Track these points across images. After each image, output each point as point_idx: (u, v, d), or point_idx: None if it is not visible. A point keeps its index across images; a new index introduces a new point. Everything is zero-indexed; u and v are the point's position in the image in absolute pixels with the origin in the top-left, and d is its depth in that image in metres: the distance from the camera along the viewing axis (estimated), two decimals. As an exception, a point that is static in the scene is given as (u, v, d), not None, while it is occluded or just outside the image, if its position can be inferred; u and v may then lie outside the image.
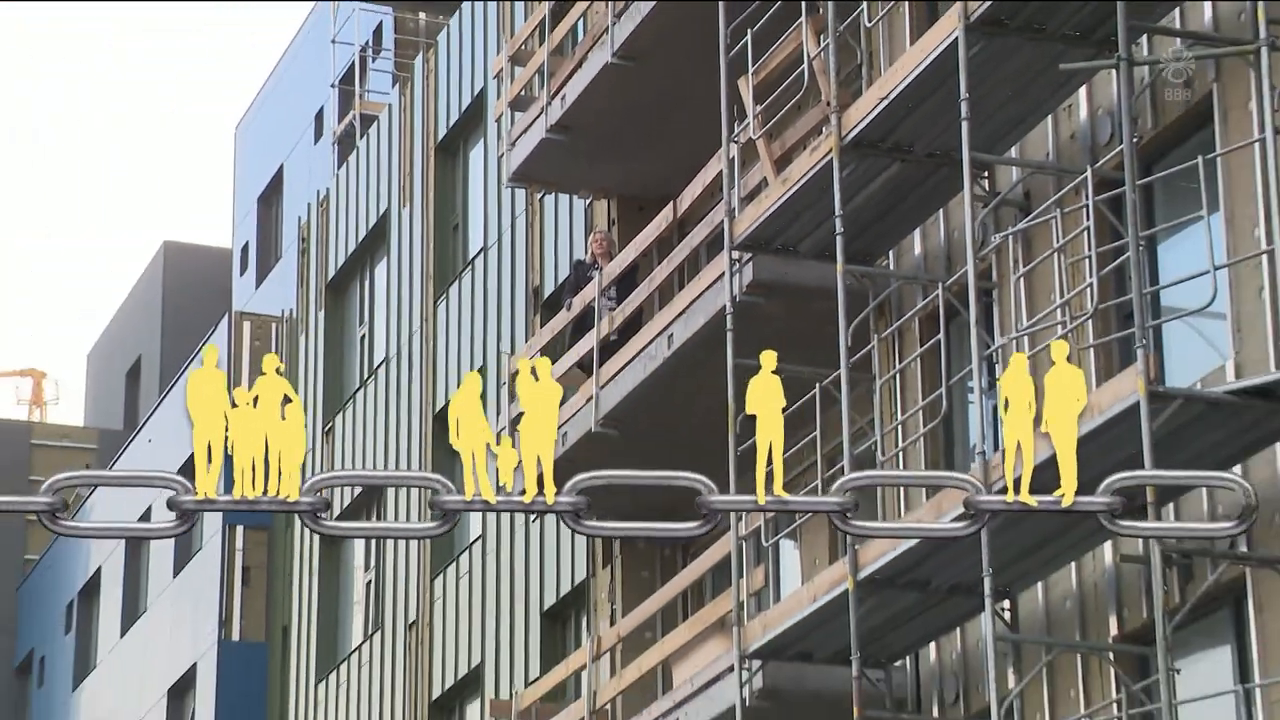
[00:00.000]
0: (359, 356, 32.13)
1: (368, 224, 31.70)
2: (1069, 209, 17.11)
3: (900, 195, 18.58)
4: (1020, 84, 17.06)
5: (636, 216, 23.74)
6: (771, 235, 19.25)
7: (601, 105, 22.72)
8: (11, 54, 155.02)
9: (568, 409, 22.56)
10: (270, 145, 39.95)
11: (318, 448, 32.41)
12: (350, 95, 36.06)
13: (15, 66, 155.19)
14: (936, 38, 16.90)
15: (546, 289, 26.07)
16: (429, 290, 29.27)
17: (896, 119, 17.64)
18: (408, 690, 28.21)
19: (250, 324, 35.51)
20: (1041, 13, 16.38)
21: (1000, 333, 17.74)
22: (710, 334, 19.84)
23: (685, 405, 20.74)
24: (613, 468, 22.53)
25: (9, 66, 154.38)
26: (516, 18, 27.04)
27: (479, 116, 28.46)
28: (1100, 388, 15.85)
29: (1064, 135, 17.73)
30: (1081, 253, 16.87)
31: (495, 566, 26.38)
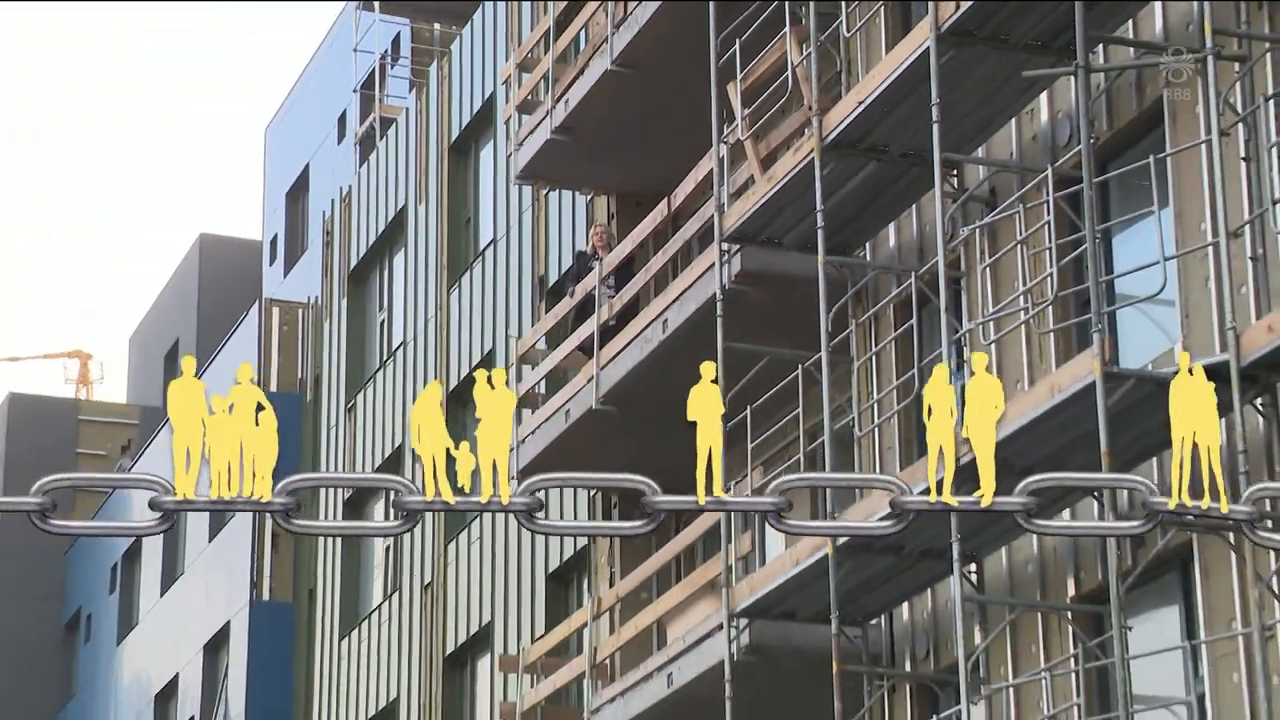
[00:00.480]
0: (378, 340, 32.11)
1: (386, 218, 31.68)
2: (1031, 204, 17.10)
3: (876, 192, 18.57)
4: (986, 89, 17.04)
5: (634, 211, 23.73)
6: (758, 229, 19.25)
7: (602, 109, 22.70)
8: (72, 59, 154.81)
9: (570, 388, 22.60)
10: (297, 145, 39.90)
11: (341, 423, 32.40)
12: (370, 99, 36.01)
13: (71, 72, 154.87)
14: (910, 46, 16.89)
15: (551, 278, 26.05)
16: (443, 279, 29.26)
17: (873, 121, 17.62)
18: (423, 646, 28.22)
19: (279, 310, 35.43)
20: (1006, 23, 16.36)
21: (968, 318, 17.75)
22: (702, 319, 19.84)
23: (679, 385, 20.55)
24: (611, 445, 22.73)
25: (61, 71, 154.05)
26: (524, 28, 27.03)
27: (489, 119, 28.43)
28: (1060, 369, 15.88)
29: (1026, 136, 17.73)
30: (1042, 244, 16.86)
31: (504, 533, 26.38)
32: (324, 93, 38.64)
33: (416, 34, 35.99)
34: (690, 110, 20.93)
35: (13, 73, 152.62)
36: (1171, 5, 16.16)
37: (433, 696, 27.85)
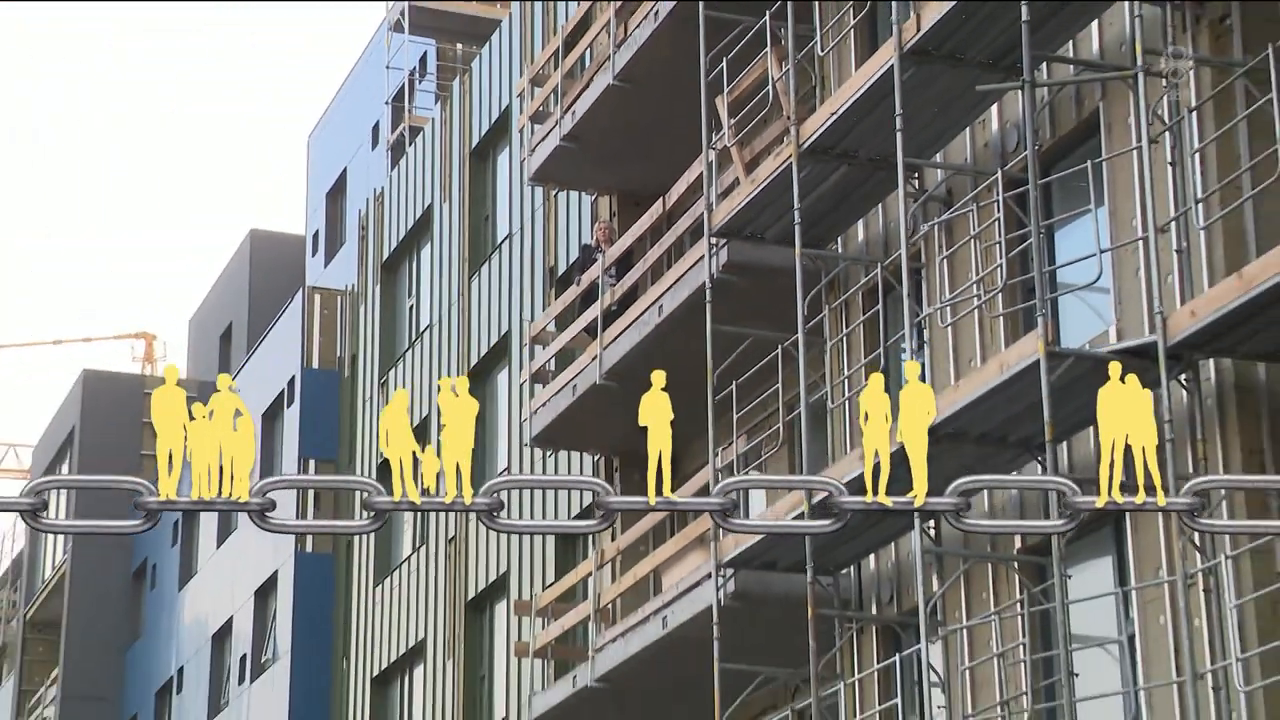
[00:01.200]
0: (407, 323, 32.11)
1: (415, 215, 31.67)
2: (983, 203, 17.11)
3: (847, 192, 18.55)
4: (944, 102, 17.01)
5: (632, 209, 23.72)
6: (742, 225, 19.23)
7: (604, 119, 22.68)
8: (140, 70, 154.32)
9: (577, 365, 22.60)
10: (336, 152, 39.87)
11: (374, 397, 32.41)
12: (400, 111, 35.97)
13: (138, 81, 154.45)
14: (876, 64, 16.89)
15: (560, 268, 26.04)
16: (464, 269, 29.26)
17: (844, 130, 17.60)
18: (447, 593, 28.25)
19: (320, 296, 35.41)
20: (961, 44, 16.34)
21: (927, 304, 17.76)
22: (693, 305, 19.84)
23: (673, 362, 20.59)
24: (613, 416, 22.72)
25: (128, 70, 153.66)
26: (535, 47, 27.02)
27: (505, 128, 28.42)
28: (1008, 348, 15.87)
29: (979, 143, 17.72)
30: (993, 239, 16.86)
31: (520, 492, 26.43)
32: (359, 105, 38.63)
33: (441, 53, 36.01)
34: (682, 120, 20.92)
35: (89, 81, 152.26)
36: (1107, 28, 16.19)
37: (456, 637, 27.89)
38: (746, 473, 21.04)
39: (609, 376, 21.74)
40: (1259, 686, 13.62)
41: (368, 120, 38.03)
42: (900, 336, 18.01)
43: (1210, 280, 14.59)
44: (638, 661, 20.71)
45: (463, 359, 28.71)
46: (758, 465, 20.76)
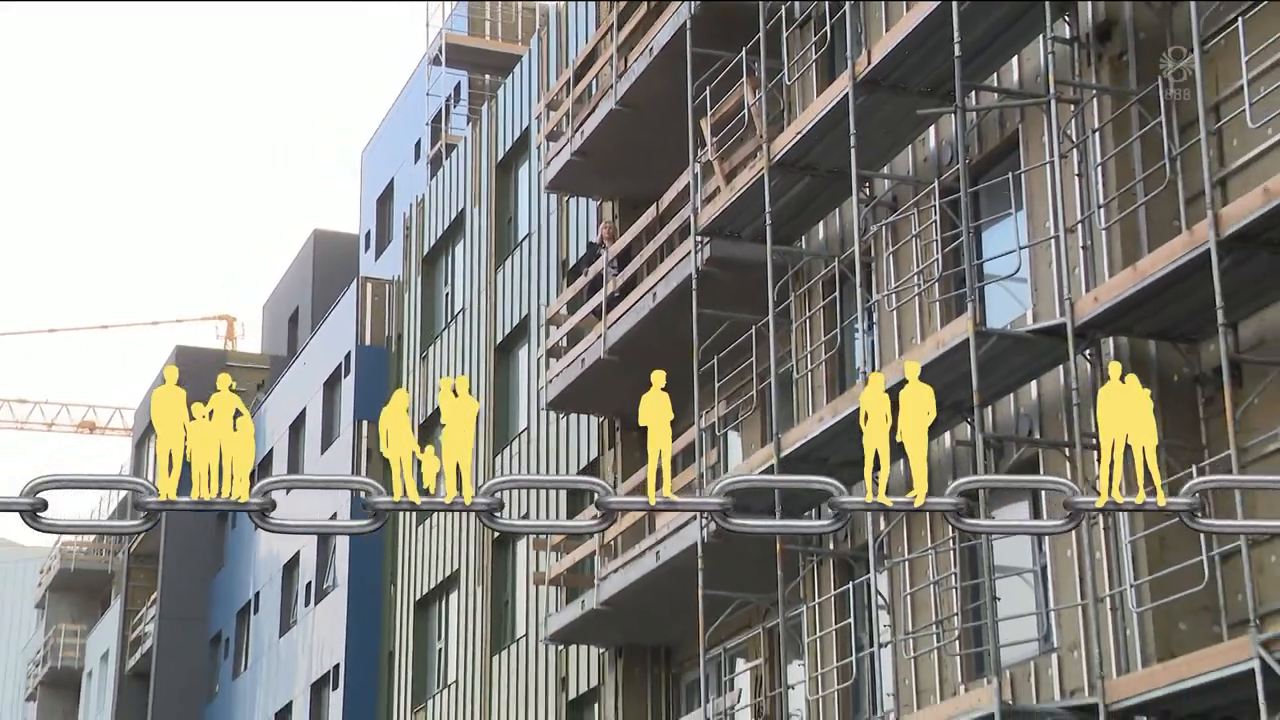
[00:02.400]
0: (444, 307, 32.03)
1: (450, 218, 31.60)
2: (922, 208, 17.13)
3: (810, 198, 18.51)
4: (890, 123, 16.99)
5: (631, 212, 23.66)
6: (723, 225, 19.19)
7: (608, 138, 22.60)
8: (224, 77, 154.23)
9: (585, 342, 22.55)
10: (385, 164, 39.81)
11: (415, 369, 32.37)
12: (438, 131, 35.93)
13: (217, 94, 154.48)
14: (834, 92, 16.85)
15: (570, 262, 26.00)
16: (491, 263, 29.21)
17: (807, 147, 17.56)
18: (476, 530, 28.09)
19: (371, 285, 35.30)
20: (904, 75, 16.30)
21: (876, 292, 17.72)
22: (682, 292, 19.80)
23: (665, 339, 20.74)
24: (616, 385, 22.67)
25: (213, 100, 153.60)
26: (551, 78, 26.96)
27: (525, 145, 28.36)
28: (943, 328, 15.85)
29: (919, 158, 17.71)
30: (931, 237, 16.89)
31: (535, 449, 26.42)
32: (404, 126, 38.58)
33: (472, 83, 35.92)
34: (673, 138, 20.89)
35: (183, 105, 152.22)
36: (1026, 62, 16.14)
37: (484, 568, 27.87)
38: (723, 434, 21.05)
39: (611, 352, 21.70)
40: (1149, 608, 13.63)
41: (411, 138, 37.98)
42: (853, 319, 18.02)
43: (1110, 271, 14.57)
44: (635, 588, 20.72)
45: (490, 338, 28.66)
46: (734, 426, 20.75)
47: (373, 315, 34.79)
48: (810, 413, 18.25)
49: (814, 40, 19.11)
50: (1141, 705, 13.35)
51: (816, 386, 18.84)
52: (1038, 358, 14.99)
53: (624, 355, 21.63)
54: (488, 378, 28.45)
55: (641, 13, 22.17)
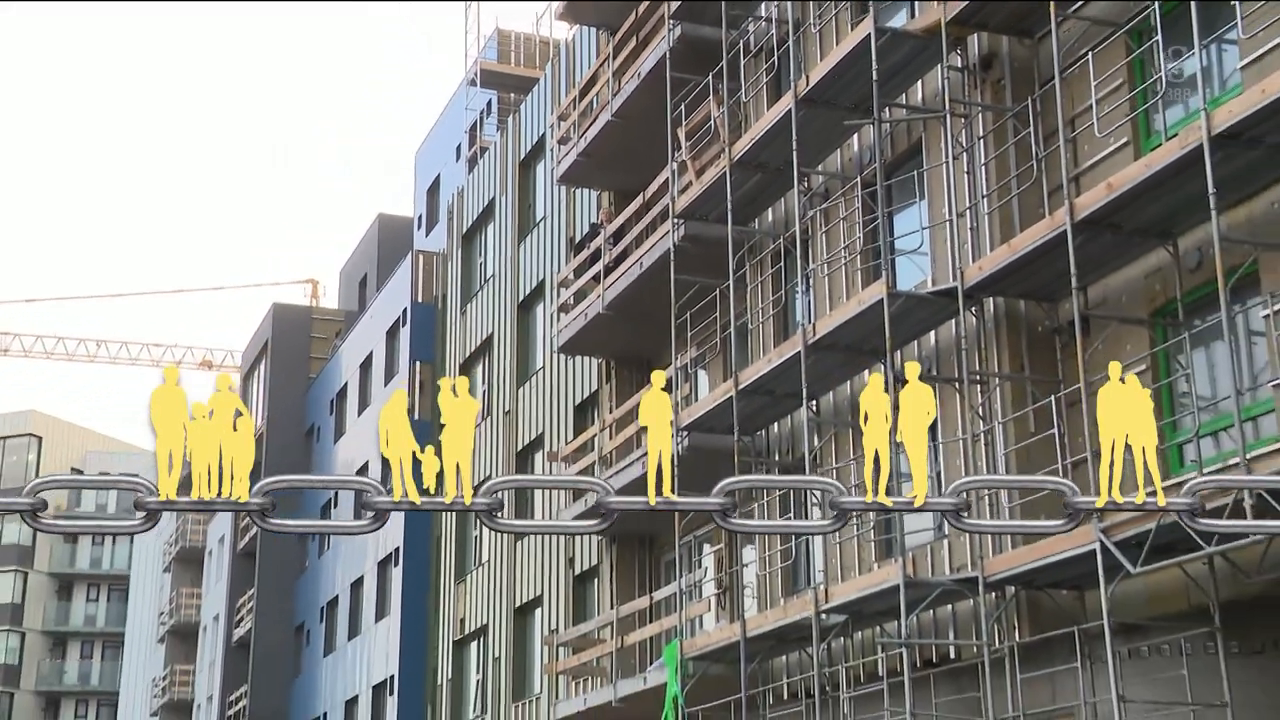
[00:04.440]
0: (478, 273, 32.00)
1: (483, 204, 31.50)
2: (848, 197, 17.14)
3: (761, 189, 18.46)
4: (823, 131, 16.94)
5: (624, 200, 23.62)
6: (694, 210, 19.13)
7: (606, 142, 22.59)
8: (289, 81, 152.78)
9: (588, 301, 22.48)
10: (433, 163, 39.62)
11: (456, 321, 32.30)
12: (474, 136, 35.79)
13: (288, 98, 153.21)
14: (780, 108, 16.79)
15: (577, 238, 25.98)
16: (515, 238, 29.17)
17: (759, 150, 17.53)
18: (505, 444, 28.31)
19: (422, 256, 35.21)
20: (834, 94, 16.25)
21: (812, 262, 17.75)
22: (663, 263, 19.76)
23: (649, 299, 20.77)
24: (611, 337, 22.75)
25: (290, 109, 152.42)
26: (561, 96, 26.87)
27: (541, 148, 28.28)
28: (864, 290, 15.82)
29: (846, 158, 17.67)
30: (854, 220, 16.92)
31: (549, 383, 26.45)
32: (448, 132, 38.40)
33: (500, 99, 35.63)
34: (656, 142, 20.88)
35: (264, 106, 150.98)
36: (927, 84, 16.11)
37: (510, 469, 27.97)
38: (694, 372, 21.10)
39: (608, 308, 21.69)
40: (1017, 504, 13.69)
41: (454, 143, 37.80)
42: (794, 283, 18.05)
43: (990, 247, 14.58)
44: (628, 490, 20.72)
45: (514, 297, 28.66)
46: (702, 365, 20.79)
47: (424, 279, 34.74)
48: (761, 355, 18.32)
49: (764, 67, 19.09)
50: (1011, 577, 13.48)
51: (766, 335, 18.91)
52: (935, 313, 15.00)
53: (618, 310, 21.67)
54: (512, 328, 28.49)
55: (631, 45, 22.13)
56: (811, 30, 18.14)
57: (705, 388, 20.83)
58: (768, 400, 17.60)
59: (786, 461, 18.27)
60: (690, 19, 19.98)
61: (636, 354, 23.10)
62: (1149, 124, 13.43)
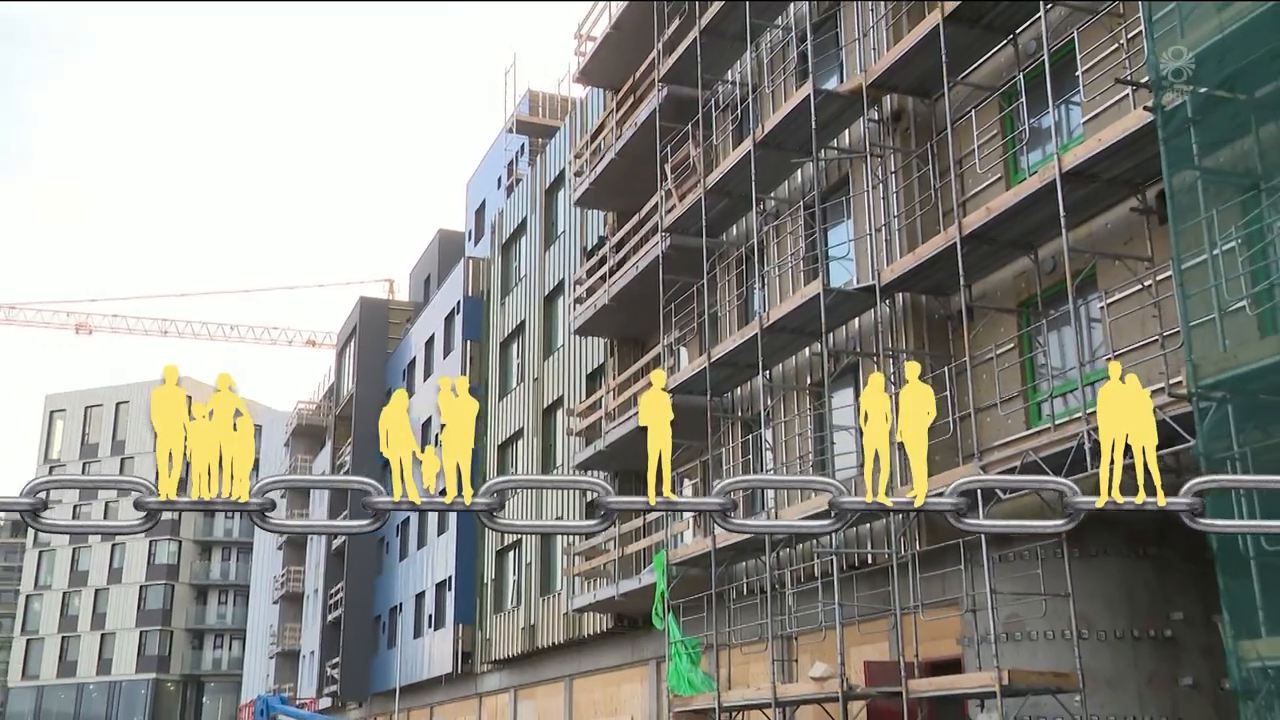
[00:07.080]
0: (514, 274, 31.97)
1: (518, 222, 31.43)
2: (794, 216, 17.22)
3: (729, 211, 18.45)
4: (774, 167, 16.93)
5: (625, 218, 23.68)
6: (678, 226, 19.10)
7: (611, 174, 22.61)
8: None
9: (595, 296, 22.42)
10: (480, 190, 39.48)
11: (497, 310, 32.13)
12: (511, 170, 35.74)
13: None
14: (743, 149, 16.74)
15: (589, 247, 26.02)
16: (542, 247, 29.17)
17: (727, 180, 17.50)
18: (533, 403, 28.31)
19: (472, 262, 35.21)
20: (783, 138, 16.19)
21: (766, 267, 17.82)
22: (654, 266, 19.76)
23: (643, 294, 20.82)
24: (615, 322, 22.88)
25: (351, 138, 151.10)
26: (577, 140, 26.88)
27: (562, 179, 28.24)
28: (806, 286, 15.85)
29: (792, 187, 17.61)
30: (799, 234, 17.03)
31: (568, 358, 26.22)
32: (492, 166, 38.32)
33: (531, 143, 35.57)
34: (648, 175, 20.91)
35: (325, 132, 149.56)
36: (852, 131, 16.11)
37: (537, 426, 28.07)
38: (677, 349, 21.17)
39: (612, 300, 21.63)
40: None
41: (496, 175, 37.69)
42: (753, 283, 18.08)
43: (901, 254, 14.60)
44: (628, 439, 20.72)
45: (541, 292, 28.68)
46: (683, 344, 20.80)
47: (473, 279, 34.75)
48: (727, 335, 18.37)
49: (730, 119, 19.14)
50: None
51: (731, 321, 18.89)
52: (859, 305, 14.99)
53: (619, 302, 21.68)
54: (539, 316, 28.54)
55: (630, 102, 22.18)
56: (766, 91, 18.22)
57: (685, 360, 20.92)
58: (733, 370, 17.65)
59: (747, 415, 18.41)
60: (675, 82, 20.06)
61: (634, 335, 23.26)
62: (1017, 163, 13.57)
